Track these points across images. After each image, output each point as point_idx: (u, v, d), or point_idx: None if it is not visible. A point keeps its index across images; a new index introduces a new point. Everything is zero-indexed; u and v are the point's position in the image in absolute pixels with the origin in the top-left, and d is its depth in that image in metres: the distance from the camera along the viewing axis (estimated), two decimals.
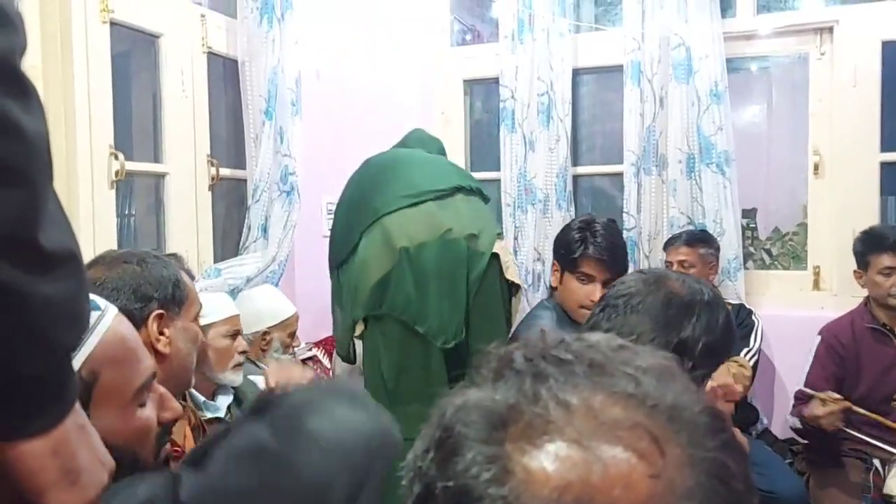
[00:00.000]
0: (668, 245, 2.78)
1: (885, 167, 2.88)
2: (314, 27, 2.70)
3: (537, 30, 3.11)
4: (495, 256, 2.02)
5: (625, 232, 2.86)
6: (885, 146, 2.86)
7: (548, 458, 0.41)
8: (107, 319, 0.82)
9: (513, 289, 2.10)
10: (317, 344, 2.75)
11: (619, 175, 3.10)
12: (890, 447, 2.07)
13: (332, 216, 2.19)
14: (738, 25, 3.00)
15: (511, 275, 2.07)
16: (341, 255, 2.05)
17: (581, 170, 3.33)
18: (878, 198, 2.89)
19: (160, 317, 1.20)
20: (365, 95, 3.08)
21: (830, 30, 2.92)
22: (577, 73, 3.21)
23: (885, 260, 2.46)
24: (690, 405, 0.44)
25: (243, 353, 1.99)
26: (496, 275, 2.04)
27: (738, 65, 3.38)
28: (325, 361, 2.73)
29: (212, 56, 2.43)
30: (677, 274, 1.21)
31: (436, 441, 0.45)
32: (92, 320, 0.79)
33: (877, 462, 2.12)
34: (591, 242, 2.11)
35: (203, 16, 2.37)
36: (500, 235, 2.12)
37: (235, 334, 1.96)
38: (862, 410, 2.16)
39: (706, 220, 2.91)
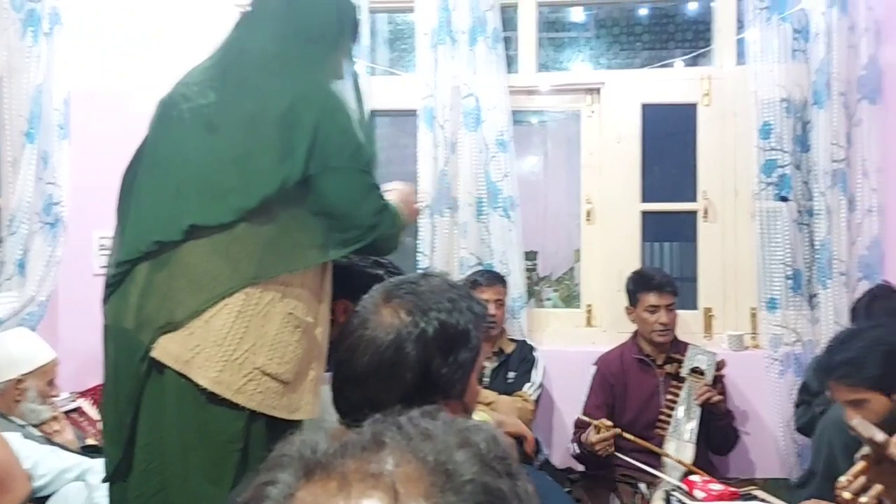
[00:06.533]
0: (478, 284, 2.77)
1: (646, 216, 3.22)
2: (88, 45, 2.48)
3: None
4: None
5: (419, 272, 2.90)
6: (646, 197, 3.21)
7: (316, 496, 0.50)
8: None
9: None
10: (83, 394, 2.47)
11: None
12: (654, 471, 2.27)
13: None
14: (521, 80, 3.22)
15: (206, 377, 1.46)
16: None
17: None
18: (640, 243, 3.23)
19: None
20: (147, 122, 2.86)
21: (598, 91, 3.23)
22: (373, 114, 3.25)
23: (651, 298, 2.76)
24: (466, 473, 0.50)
25: None
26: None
27: (520, 118, 3.64)
28: (92, 413, 2.45)
29: None
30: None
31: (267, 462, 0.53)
32: None
33: (643, 486, 2.31)
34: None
35: None
36: (172, 326, 1.50)
37: None
38: (630, 436, 2.38)
39: (494, 261, 3.04)
